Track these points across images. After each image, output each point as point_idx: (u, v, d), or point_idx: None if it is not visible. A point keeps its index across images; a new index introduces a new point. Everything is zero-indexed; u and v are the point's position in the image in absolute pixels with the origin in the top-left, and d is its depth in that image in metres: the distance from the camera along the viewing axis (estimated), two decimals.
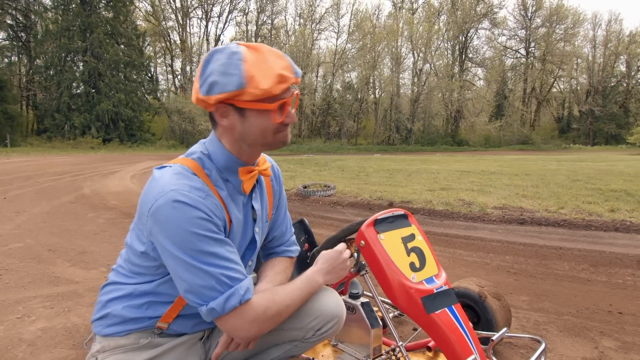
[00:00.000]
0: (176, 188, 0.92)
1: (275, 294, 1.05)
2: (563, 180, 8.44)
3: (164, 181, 0.95)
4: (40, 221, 4.88)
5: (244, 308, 0.96)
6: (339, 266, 1.19)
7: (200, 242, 0.92)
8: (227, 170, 1.05)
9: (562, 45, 41.06)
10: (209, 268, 0.92)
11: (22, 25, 31.91)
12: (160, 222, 0.92)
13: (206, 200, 0.95)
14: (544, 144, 37.75)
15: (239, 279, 0.97)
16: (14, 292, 2.65)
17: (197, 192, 0.94)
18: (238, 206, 1.08)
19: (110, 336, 1.07)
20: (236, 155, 1.05)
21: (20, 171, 11.04)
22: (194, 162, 1.03)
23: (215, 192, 1.00)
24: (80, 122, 27.77)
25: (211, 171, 1.04)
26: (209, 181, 1.01)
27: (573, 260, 3.48)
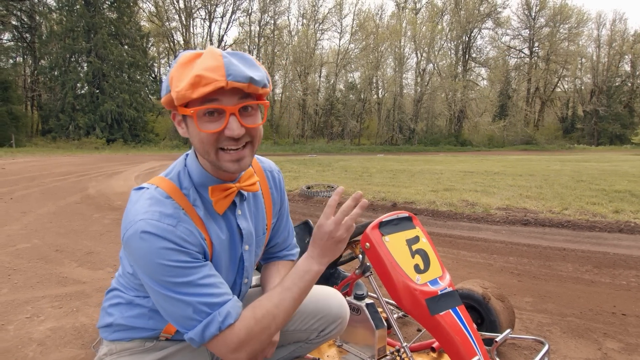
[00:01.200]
0: (145, 217, 0.88)
1: (257, 308, 0.94)
2: (567, 180, 8.42)
3: (136, 208, 0.91)
4: (46, 221, 4.93)
5: (226, 335, 0.90)
6: (329, 242, 0.97)
7: (171, 273, 0.87)
8: (202, 187, 0.98)
9: (566, 44, 40.91)
10: (184, 297, 0.88)
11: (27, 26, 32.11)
12: (132, 253, 0.89)
13: (177, 228, 0.89)
14: (548, 144, 37.62)
15: (219, 303, 0.90)
16: (22, 292, 2.68)
17: (167, 220, 0.88)
18: (220, 224, 1.01)
19: (116, 341, 1.08)
20: (211, 171, 0.97)
21: (26, 171, 11.13)
22: (170, 182, 0.97)
23: (193, 214, 0.95)
24: (84, 123, 27.93)
25: (189, 190, 0.97)
26: (186, 202, 0.95)
27: (577, 262, 3.48)
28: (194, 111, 0.85)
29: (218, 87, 0.82)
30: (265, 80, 0.90)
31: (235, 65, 0.84)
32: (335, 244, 0.98)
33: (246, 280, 1.12)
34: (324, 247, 0.98)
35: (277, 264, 1.27)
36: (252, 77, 0.85)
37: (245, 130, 0.89)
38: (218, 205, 0.98)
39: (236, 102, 0.86)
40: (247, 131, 0.90)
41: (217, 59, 0.84)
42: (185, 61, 0.86)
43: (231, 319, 0.90)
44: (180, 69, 0.85)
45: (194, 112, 0.85)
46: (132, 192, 0.97)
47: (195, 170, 0.98)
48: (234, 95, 0.86)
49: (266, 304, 0.95)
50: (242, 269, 1.08)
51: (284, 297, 0.95)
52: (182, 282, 0.88)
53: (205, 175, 0.97)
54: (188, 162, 1.00)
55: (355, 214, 0.97)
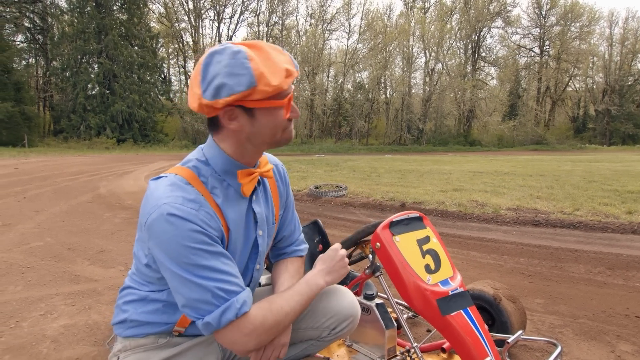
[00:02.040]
0: (169, 201, 0.91)
1: (273, 303, 1.01)
2: (578, 181, 8.31)
3: (158, 193, 0.94)
4: (59, 220, 5.00)
5: (241, 321, 0.94)
6: (337, 264, 1.17)
7: (195, 255, 0.90)
8: (227, 174, 1.03)
9: (577, 43, 40.37)
10: (204, 282, 0.90)
11: (40, 28, 32.66)
12: (155, 236, 0.91)
13: (199, 212, 0.92)
14: (559, 144, 37.16)
15: (236, 291, 0.94)
16: (36, 290, 2.73)
17: (190, 204, 0.92)
18: (238, 211, 1.05)
19: (130, 337, 1.10)
20: (237, 158, 1.03)
21: (39, 171, 11.30)
22: (189, 170, 1.00)
23: (211, 200, 0.98)
24: (95, 123, 28.29)
25: (207, 178, 1.01)
26: (204, 189, 0.99)
27: (589, 263, 3.44)
28: (286, 101, 0.97)
29: (295, 77, 0.96)
30: None
31: (292, 57, 0.98)
32: (342, 268, 1.18)
33: (258, 267, 1.15)
34: (330, 267, 1.17)
35: (285, 262, 1.29)
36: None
37: None
38: (246, 188, 1.04)
39: (292, 89, 1.00)
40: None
41: (283, 52, 0.97)
42: (266, 57, 0.93)
43: (247, 307, 0.95)
44: (265, 63, 0.91)
45: (287, 102, 0.97)
46: (151, 182, 1.01)
47: (219, 158, 1.02)
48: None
49: (280, 301, 1.02)
50: (255, 253, 1.12)
51: (295, 300, 1.04)
52: (204, 266, 0.91)
53: (231, 162, 1.02)
54: (207, 152, 1.04)
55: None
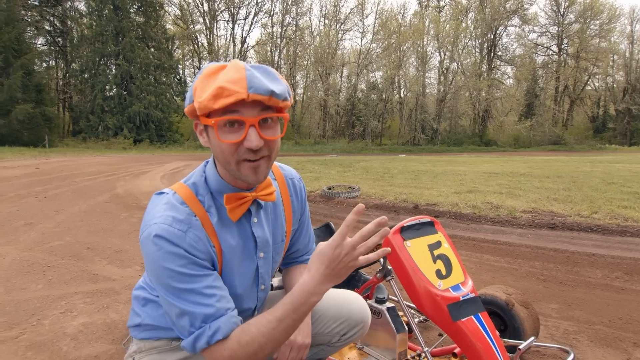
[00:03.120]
0: (159, 221, 0.91)
1: (244, 333, 0.92)
2: (597, 183, 8.14)
3: (154, 212, 0.95)
4: (78, 220, 5.13)
5: (214, 349, 0.92)
6: (339, 265, 0.88)
7: (174, 278, 0.90)
8: (219, 195, 1.01)
9: (597, 41, 39.40)
10: (182, 304, 0.90)
11: (60, 31, 33.45)
12: (144, 254, 0.93)
13: (187, 234, 0.92)
14: (578, 144, 36.37)
15: (212, 316, 0.91)
16: (56, 288, 2.81)
17: (178, 225, 0.92)
18: (233, 232, 1.03)
19: (145, 339, 1.13)
20: (227, 179, 1.00)
21: (58, 171, 11.59)
22: (187, 189, 1.00)
23: (206, 221, 0.97)
24: (113, 124, 28.83)
25: (204, 197, 1.00)
26: (201, 209, 0.98)
27: (606, 268, 3.38)
28: (215, 121, 0.87)
29: (239, 99, 0.84)
30: (286, 93, 0.91)
31: (257, 78, 0.86)
32: (344, 269, 0.89)
33: (263, 287, 1.14)
34: (331, 271, 0.89)
35: (299, 267, 1.29)
36: (273, 90, 0.87)
37: (264, 142, 0.91)
38: (232, 213, 1.00)
39: (256, 114, 0.88)
40: (266, 143, 0.91)
41: (239, 72, 0.86)
42: (209, 73, 0.88)
43: (220, 335, 0.91)
44: (205, 80, 0.88)
45: (215, 122, 0.87)
46: (153, 197, 1.02)
47: (212, 178, 1.01)
48: (254, 108, 0.88)
49: (254, 332, 0.92)
50: (257, 276, 1.10)
51: (274, 328, 0.91)
52: (184, 289, 0.90)
53: (222, 184, 1.00)
54: (207, 169, 1.03)
55: (372, 243, 0.90)
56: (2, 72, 23.52)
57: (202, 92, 0.87)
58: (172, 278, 0.90)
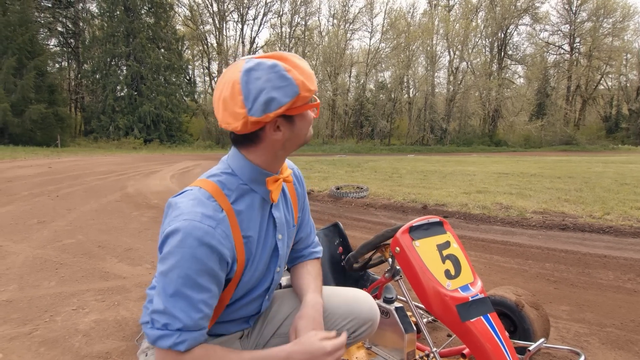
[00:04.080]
0: (188, 217, 0.93)
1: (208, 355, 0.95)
2: (609, 183, 8.02)
3: (181, 208, 0.96)
4: (89, 218, 5.20)
5: (169, 354, 0.94)
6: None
7: (182, 279, 0.91)
8: (254, 183, 1.06)
9: (610, 40, 38.78)
10: (170, 305, 0.92)
11: (72, 32, 33.93)
12: (168, 246, 0.93)
13: (216, 230, 0.94)
14: (590, 144, 35.82)
15: (186, 328, 0.93)
16: (69, 286, 2.86)
17: (207, 221, 0.94)
18: (259, 217, 1.09)
19: None
20: (265, 167, 1.06)
21: (70, 170, 11.75)
22: (214, 184, 1.02)
23: (231, 215, 1.00)
24: (123, 124, 29.16)
25: (232, 191, 1.03)
26: (227, 203, 1.01)
27: (618, 270, 3.33)
28: (317, 103, 1.05)
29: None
30: None
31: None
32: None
33: (279, 269, 1.18)
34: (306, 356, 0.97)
35: (305, 264, 1.32)
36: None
37: None
38: (274, 193, 1.09)
39: None
40: None
41: (301, 58, 1.01)
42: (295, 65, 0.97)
43: (183, 347, 0.93)
44: (301, 71, 0.97)
45: (317, 104, 1.05)
46: (171, 199, 1.02)
47: (247, 169, 1.05)
48: None
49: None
50: (276, 257, 1.14)
51: None
52: (182, 293, 0.92)
53: (259, 171, 1.05)
54: (233, 163, 1.06)
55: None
56: (16, 72, 23.92)
57: (309, 81, 0.97)
58: (182, 278, 0.91)
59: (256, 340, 1.24)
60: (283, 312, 1.27)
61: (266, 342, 1.25)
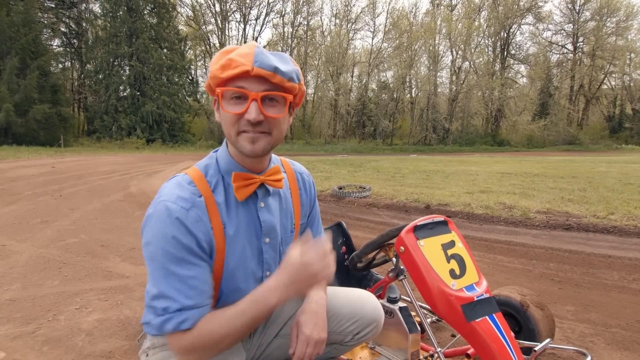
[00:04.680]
0: (164, 199, 0.95)
1: (203, 329, 0.95)
2: (613, 183, 7.97)
3: (162, 191, 0.99)
4: (92, 218, 5.21)
5: (177, 336, 0.95)
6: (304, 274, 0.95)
7: (166, 256, 0.92)
8: (228, 174, 1.04)
9: (613, 39, 38.57)
10: (164, 287, 0.92)
11: (75, 33, 34.04)
12: (147, 230, 0.96)
13: (190, 212, 0.94)
14: (593, 144, 35.66)
15: (186, 307, 0.93)
16: (72, 285, 2.86)
17: (181, 202, 0.94)
18: (240, 213, 1.05)
19: (157, 335, 1.12)
20: (237, 160, 1.03)
21: (73, 170, 11.79)
22: (197, 170, 1.04)
23: (210, 202, 0.99)
24: (126, 124, 29.22)
25: (213, 177, 1.03)
26: (207, 189, 1.01)
27: (623, 270, 3.31)
28: (221, 91, 0.94)
29: (244, 70, 0.89)
30: (293, 75, 0.95)
31: (264, 55, 0.91)
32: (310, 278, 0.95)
33: (268, 273, 1.14)
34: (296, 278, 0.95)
35: None
36: (278, 67, 0.91)
37: (265, 118, 0.94)
38: (238, 192, 1.03)
39: (260, 90, 0.93)
40: (267, 120, 0.95)
41: (250, 48, 0.92)
42: (226, 50, 0.95)
43: (187, 324, 0.93)
44: (219, 55, 0.95)
45: (221, 91, 0.94)
46: (164, 183, 1.06)
47: (223, 158, 1.05)
48: (259, 84, 0.92)
49: (216, 323, 0.95)
50: (261, 261, 1.11)
51: (234, 323, 0.95)
52: (172, 272, 0.93)
53: (231, 163, 1.04)
54: (219, 151, 1.08)
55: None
56: (20, 73, 23.99)
57: (214, 64, 0.94)
58: (164, 256, 0.93)
59: (259, 340, 1.23)
60: (286, 313, 1.25)
61: (269, 343, 1.24)
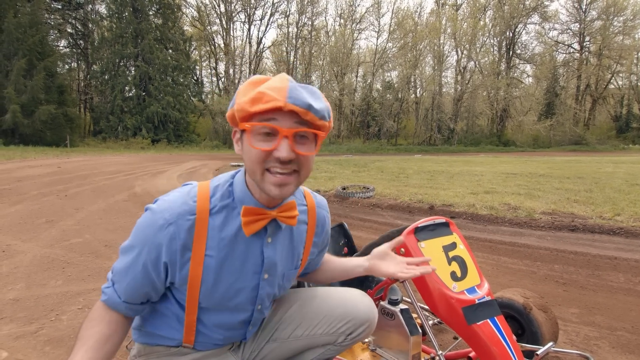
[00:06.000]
0: (155, 206, 0.98)
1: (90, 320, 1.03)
2: (620, 184, 7.90)
3: (165, 196, 1.02)
4: (97, 218, 5.24)
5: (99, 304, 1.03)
6: None
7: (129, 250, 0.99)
8: (240, 204, 0.98)
9: (620, 38, 38.22)
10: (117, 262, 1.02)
11: (81, 34, 34.34)
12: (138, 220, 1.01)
13: (167, 228, 0.94)
14: (600, 144, 35.36)
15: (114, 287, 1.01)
16: (75, 285, 2.87)
17: (167, 214, 0.95)
18: (239, 245, 1.00)
19: (145, 344, 1.13)
20: (253, 192, 0.98)
21: (79, 170, 11.87)
22: (206, 187, 1.01)
23: (202, 225, 0.95)
24: (131, 124, 29.42)
25: (219, 201, 0.98)
26: (205, 210, 0.96)
27: (629, 272, 3.27)
28: (250, 125, 0.87)
29: (276, 106, 0.84)
30: (325, 112, 0.90)
31: (297, 91, 0.86)
32: None
33: (259, 307, 1.10)
34: None
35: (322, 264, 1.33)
36: (312, 104, 0.86)
37: (295, 156, 0.89)
38: (247, 227, 0.96)
39: (292, 126, 0.87)
40: (297, 158, 0.89)
41: (283, 82, 0.87)
42: (255, 81, 0.90)
43: (102, 297, 1.02)
44: (248, 86, 0.89)
45: (250, 126, 0.87)
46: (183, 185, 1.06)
47: (239, 187, 1.00)
48: (291, 119, 0.87)
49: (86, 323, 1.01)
50: (255, 296, 1.07)
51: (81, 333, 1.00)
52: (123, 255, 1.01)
53: (246, 194, 0.98)
54: (236, 177, 1.02)
55: None
56: (26, 74, 24.22)
57: (243, 96, 0.88)
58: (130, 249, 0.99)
59: (252, 346, 1.22)
60: (277, 317, 1.24)
61: (261, 348, 1.23)
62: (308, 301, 1.25)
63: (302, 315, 1.22)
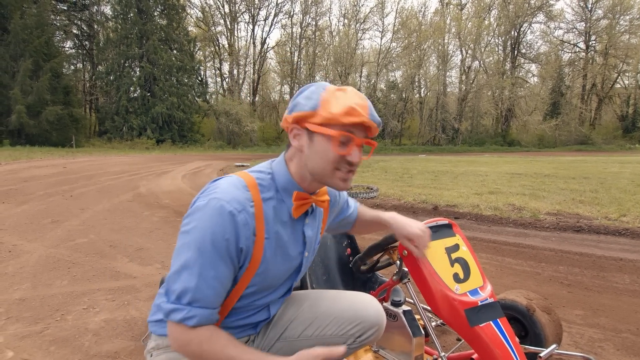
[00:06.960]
0: (219, 196, 0.99)
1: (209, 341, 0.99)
2: (626, 184, 7.84)
3: (215, 186, 1.03)
4: (102, 218, 5.27)
5: (178, 328, 0.98)
6: None
7: (199, 251, 0.96)
8: (285, 192, 1.10)
9: (626, 37, 37.93)
10: (186, 276, 0.97)
11: (87, 35, 34.56)
12: (191, 217, 1.00)
13: (240, 215, 0.99)
14: (606, 144, 35.10)
15: (199, 303, 0.97)
16: (80, 285, 2.90)
17: (235, 204, 0.99)
18: (286, 228, 1.11)
19: (163, 336, 1.13)
20: (298, 180, 1.10)
21: (84, 170, 11.95)
22: (251, 177, 1.09)
23: (259, 210, 1.04)
24: (136, 124, 29.56)
25: (267, 190, 1.08)
26: (258, 198, 1.06)
27: (635, 273, 3.24)
28: (338, 134, 1.01)
29: (363, 121, 1.01)
30: (380, 127, 1.10)
31: (372, 110, 1.05)
32: None
33: (297, 284, 1.25)
34: None
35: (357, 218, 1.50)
36: (380, 122, 1.08)
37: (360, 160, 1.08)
38: (297, 210, 1.11)
39: (363, 136, 1.06)
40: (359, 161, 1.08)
41: (363, 99, 1.04)
42: (336, 90, 1.04)
43: (192, 322, 0.97)
44: (335, 96, 1.02)
45: (338, 134, 1.01)
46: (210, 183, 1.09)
47: (282, 176, 1.11)
48: (363, 131, 1.05)
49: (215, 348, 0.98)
50: (297, 272, 1.20)
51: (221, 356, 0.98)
52: (198, 265, 0.96)
53: (291, 182, 1.10)
54: (275, 167, 1.13)
55: None
56: (33, 75, 24.41)
57: (334, 106, 1.00)
58: (199, 249, 0.96)
59: (261, 344, 1.24)
60: (288, 316, 1.26)
61: (271, 346, 1.24)
62: (318, 302, 1.28)
63: (313, 316, 1.25)
